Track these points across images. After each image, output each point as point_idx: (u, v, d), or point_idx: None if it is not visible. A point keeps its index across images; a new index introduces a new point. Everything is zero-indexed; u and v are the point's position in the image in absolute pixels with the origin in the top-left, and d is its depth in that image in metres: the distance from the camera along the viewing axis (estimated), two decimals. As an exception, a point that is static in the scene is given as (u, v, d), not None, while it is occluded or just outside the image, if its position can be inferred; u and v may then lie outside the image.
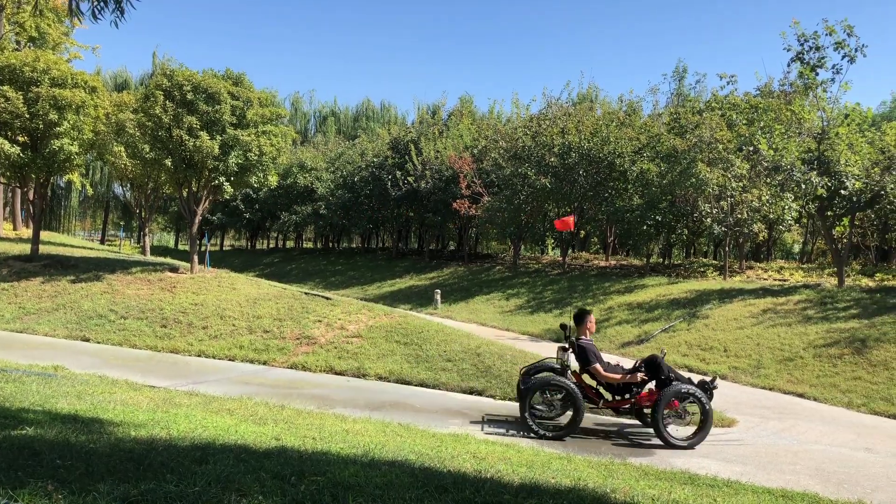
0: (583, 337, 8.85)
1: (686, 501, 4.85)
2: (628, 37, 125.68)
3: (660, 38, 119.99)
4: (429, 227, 35.40)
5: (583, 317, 8.95)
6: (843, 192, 17.53)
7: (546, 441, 8.04)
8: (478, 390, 10.77)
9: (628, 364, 9.43)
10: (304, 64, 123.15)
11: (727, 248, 22.64)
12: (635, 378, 8.54)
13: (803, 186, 17.67)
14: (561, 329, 9.09)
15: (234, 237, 64.19)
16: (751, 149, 19.39)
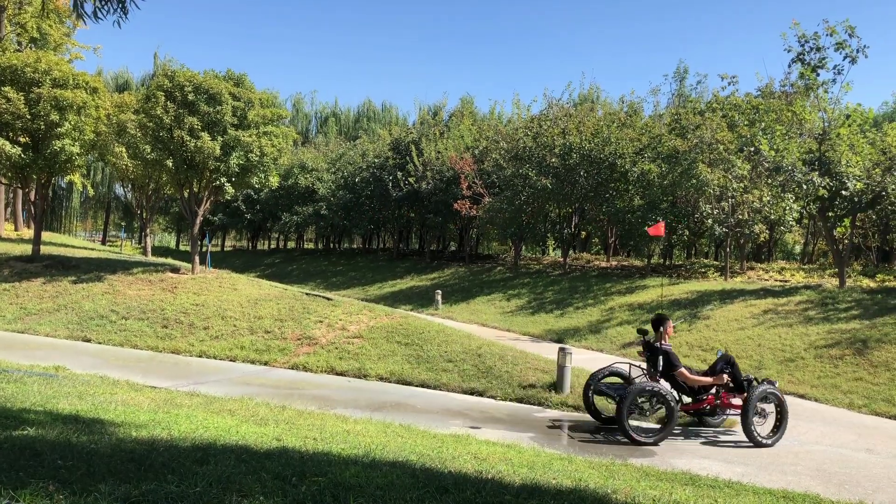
0: (662, 342, 8.83)
1: (687, 502, 4.85)
2: (629, 37, 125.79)
3: (661, 39, 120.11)
4: (430, 228, 35.40)
5: (662, 322, 8.92)
6: (844, 192, 17.52)
7: (548, 442, 8.04)
8: (479, 391, 10.77)
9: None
10: (305, 64, 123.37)
11: (728, 249, 22.63)
12: (721, 379, 8.68)
13: (804, 187, 17.67)
14: (639, 334, 9.14)
15: (235, 238, 64.25)
16: (752, 149, 19.38)
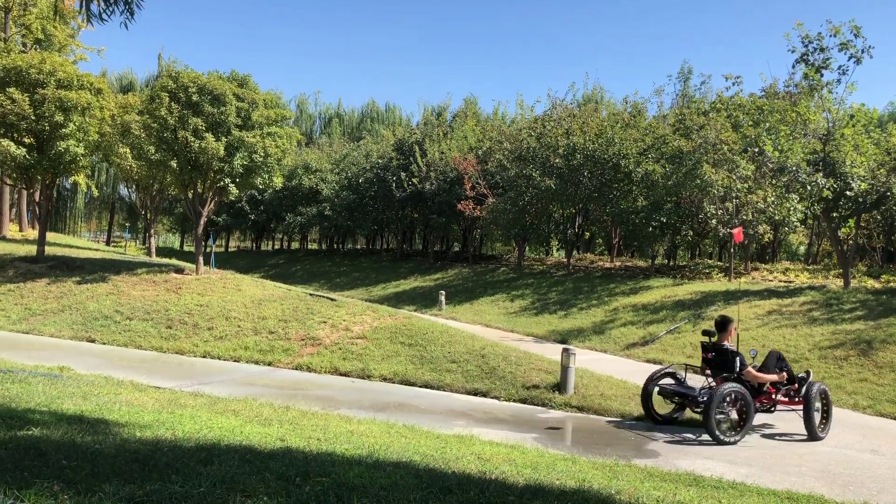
0: (727, 343, 9.03)
1: (691, 503, 4.84)
2: (633, 38, 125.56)
3: (664, 40, 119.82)
4: (433, 229, 35.39)
5: (727, 323, 9.11)
6: (848, 193, 17.47)
7: (551, 442, 8.04)
8: (482, 392, 10.77)
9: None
10: (309, 65, 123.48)
11: (732, 250, 22.57)
12: (782, 376, 9.00)
13: (809, 188, 17.62)
14: (704, 335, 9.35)
15: (239, 238, 64.29)
16: (756, 150, 19.34)
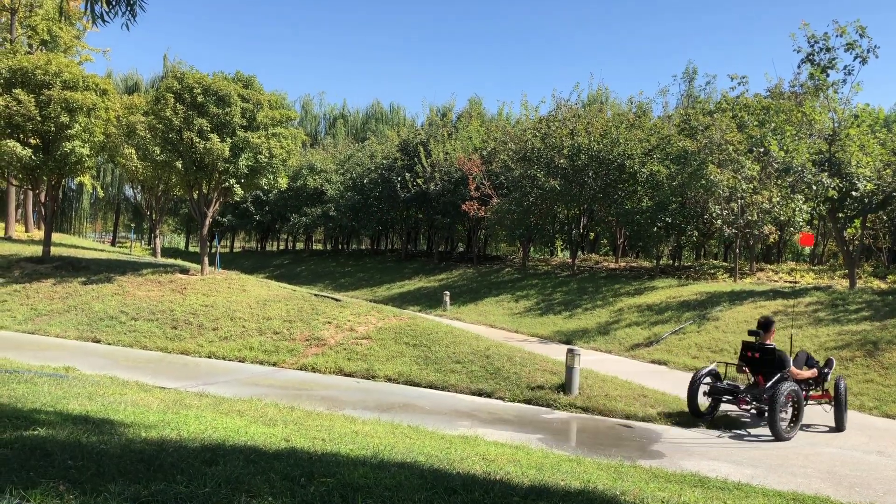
0: (769, 342, 9.43)
1: (696, 504, 4.83)
2: (638, 39, 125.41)
3: (669, 41, 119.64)
4: (438, 229, 35.39)
5: (770, 325, 9.58)
6: (854, 193, 17.41)
7: (556, 443, 8.04)
8: (487, 392, 10.76)
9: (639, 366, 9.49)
10: (313, 66, 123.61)
11: (737, 250, 22.51)
12: (815, 374, 9.60)
13: (814, 188, 17.56)
14: (750, 335, 9.74)
15: (244, 239, 64.39)
16: (761, 150, 19.28)
